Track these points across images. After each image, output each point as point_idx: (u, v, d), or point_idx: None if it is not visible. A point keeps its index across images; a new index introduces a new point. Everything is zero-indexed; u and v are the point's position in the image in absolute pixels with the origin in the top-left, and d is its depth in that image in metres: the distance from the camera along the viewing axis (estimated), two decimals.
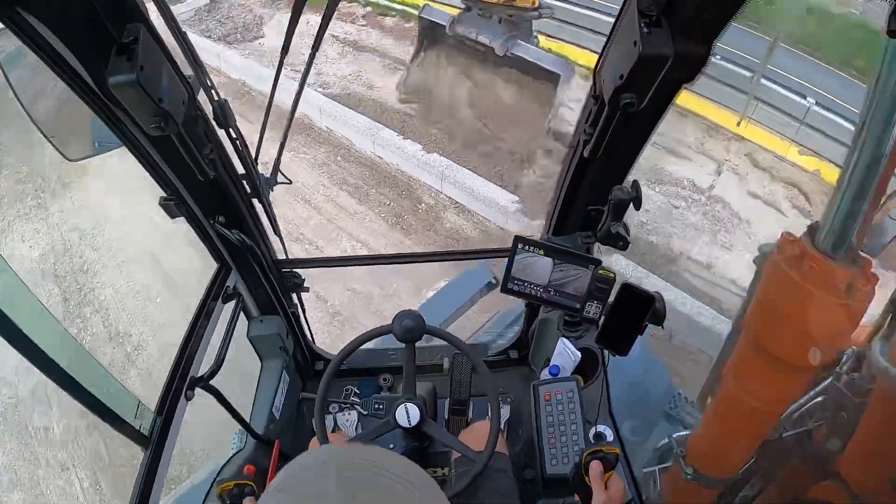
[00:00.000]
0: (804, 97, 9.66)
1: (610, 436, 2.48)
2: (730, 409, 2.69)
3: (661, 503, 3.40)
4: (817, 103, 9.58)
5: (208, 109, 1.83)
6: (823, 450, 2.84)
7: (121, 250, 8.29)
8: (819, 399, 2.87)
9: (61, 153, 1.61)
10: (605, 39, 1.59)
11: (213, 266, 2.41)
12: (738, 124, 9.81)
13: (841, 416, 2.74)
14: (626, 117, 1.58)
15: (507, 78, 9.09)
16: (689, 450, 3.00)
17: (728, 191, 8.91)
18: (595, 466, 1.66)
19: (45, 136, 1.53)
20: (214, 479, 2.14)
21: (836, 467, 2.78)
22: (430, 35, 9.59)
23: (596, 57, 1.67)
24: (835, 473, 2.78)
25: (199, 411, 2.20)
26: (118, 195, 8.81)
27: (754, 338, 2.43)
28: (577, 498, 1.73)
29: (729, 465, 2.93)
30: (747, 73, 9.84)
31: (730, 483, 3.02)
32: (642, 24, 1.30)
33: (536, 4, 8.67)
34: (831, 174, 8.32)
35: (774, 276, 2.23)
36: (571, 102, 8.67)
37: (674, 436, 3.07)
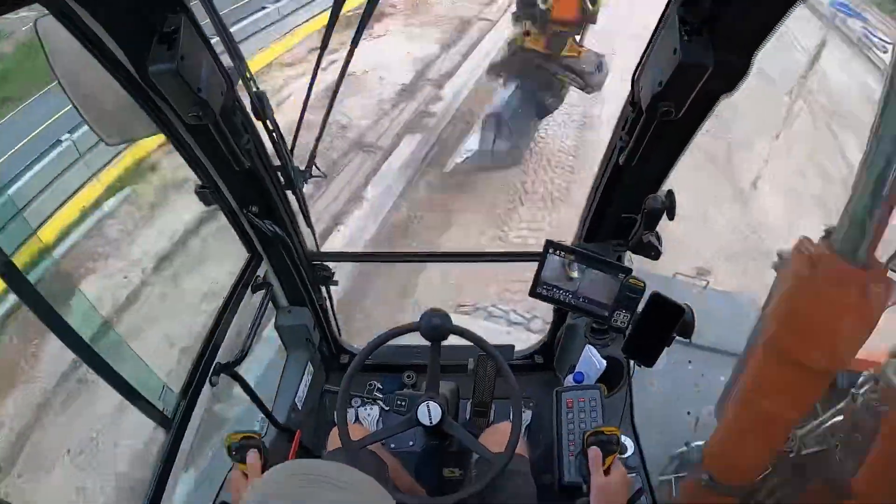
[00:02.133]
0: None
1: (631, 447, 2.45)
2: (747, 414, 2.70)
3: None
4: None
5: (247, 100, 1.85)
6: (839, 471, 2.89)
7: None
8: (838, 419, 2.96)
9: (100, 137, 1.64)
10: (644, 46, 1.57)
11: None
12: None
13: (856, 437, 2.82)
14: (662, 126, 1.56)
15: None
16: (705, 456, 3.02)
17: None
18: (592, 452, 1.64)
19: (84, 120, 1.56)
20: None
21: (850, 489, 2.82)
22: None
23: None
24: (850, 495, 2.82)
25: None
26: None
27: (772, 341, 2.44)
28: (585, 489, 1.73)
29: (744, 472, 2.93)
30: None
31: (746, 492, 3.02)
32: (683, 32, 1.28)
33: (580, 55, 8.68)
34: None
35: (792, 280, 2.26)
36: None
37: (692, 444, 3.05)
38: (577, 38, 8.55)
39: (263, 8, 14.33)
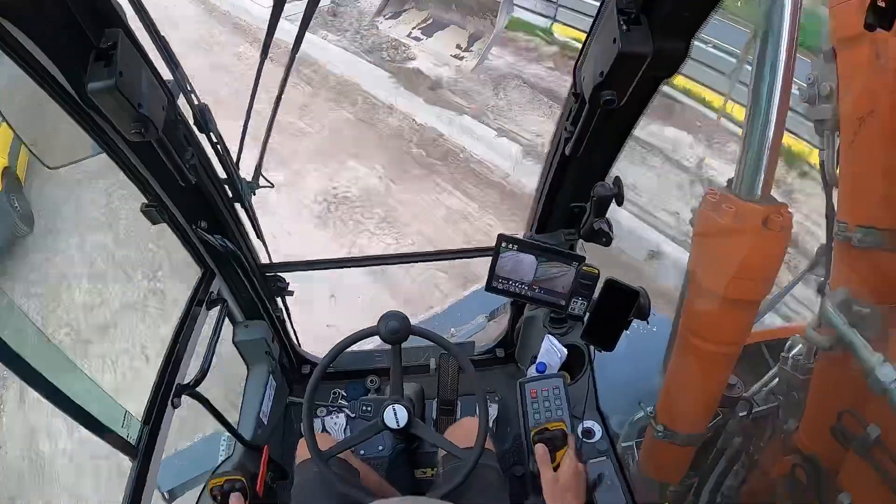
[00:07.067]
0: None
1: (598, 431, 2.50)
2: (687, 358, 2.82)
3: (638, 473, 3.49)
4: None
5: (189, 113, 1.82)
6: (783, 429, 3.12)
7: None
8: (775, 381, 3.24)
9: (41, 161, 1.59)
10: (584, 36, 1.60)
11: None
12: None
13: (792, 395, 3.08)
14: (606, 114, 1.59)
15: None
16: (657, 410, 3.12)
17: None
18: (539, 449, 1.66)
19: (24, 144, 1.51)
20: (206, 482, 2.12)
21: (794, 443, 3.04)
22: None
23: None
24: (794, 448, 3.04)
25: None
26: None
27: (697, 282, 2.61)
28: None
29: (695, 418, 3.05)
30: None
31: (700, 440, 3.15)
32: (621, 22, 1.30)
33: None
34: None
35: (702, 223, 2.49)
36: None
37: (647, 407, 3.15)
38: None
39: None
